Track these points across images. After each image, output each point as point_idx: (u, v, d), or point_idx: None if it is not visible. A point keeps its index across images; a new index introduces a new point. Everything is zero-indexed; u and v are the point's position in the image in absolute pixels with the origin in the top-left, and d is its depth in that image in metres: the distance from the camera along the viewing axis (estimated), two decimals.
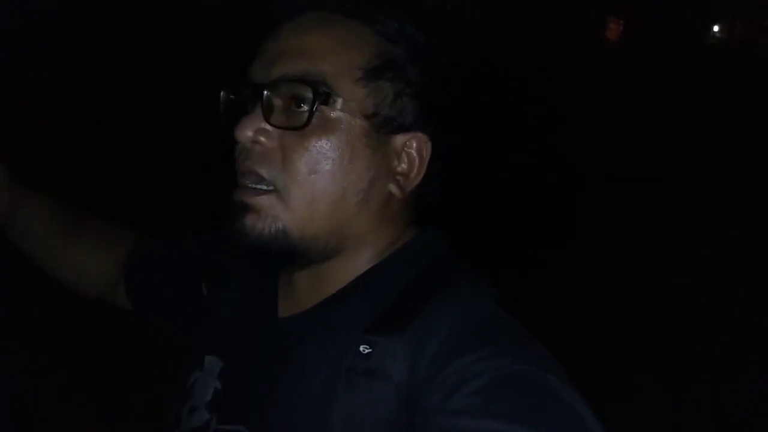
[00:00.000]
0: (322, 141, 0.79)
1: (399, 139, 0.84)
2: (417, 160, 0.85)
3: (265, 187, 0.80)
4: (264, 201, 0.80)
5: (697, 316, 4.49)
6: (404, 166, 0.85)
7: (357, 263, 0.85)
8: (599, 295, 4.76)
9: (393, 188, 0.85)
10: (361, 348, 0.76)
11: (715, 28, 28.15)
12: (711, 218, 6.54)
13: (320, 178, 0.79)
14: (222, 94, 0.86)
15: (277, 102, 0.80)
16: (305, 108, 0.78)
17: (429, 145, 0.85)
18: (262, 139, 0.80)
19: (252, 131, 0.80)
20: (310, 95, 0.77)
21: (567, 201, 7.06)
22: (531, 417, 0.63)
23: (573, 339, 3.42)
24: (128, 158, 6.14)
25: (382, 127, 0.82)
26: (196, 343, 0.96)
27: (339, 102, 0.79)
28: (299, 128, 0.77)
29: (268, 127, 0.80)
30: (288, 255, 0.82)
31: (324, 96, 0.78)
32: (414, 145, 0.85)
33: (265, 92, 0.79)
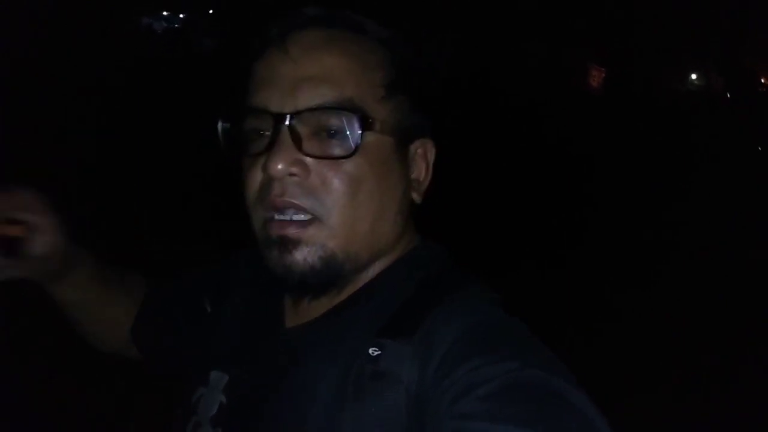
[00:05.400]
0: (360, 164, 0.77)
1: (413, 147, 0.84)
2: (425, 165, 0.85)
3: (304, 217, 0.77)
4: (309, 232, 0.77)
5: (701, 317, 4.53)
6: (416, 172, 0.85)
7: (370, 272, 0.84)
8: (600, 299, 4.79)
9: (414, 195, 0.85)
10: (371, 351, 0.74)
11: (693, 76, 29.42)
12: (713, 219, 6.67)
13: (362, 200, 0.78)
14: (221, 122, 0.82)
15: (304, 130, 0.76)
16: (344, 135, 0.75)
17: (434, 149, 0.86)
18: (296, 170, 0.76)
19: (284, 164, 0.75)
20: (345, 123, 0.75)
21: (568, 208, 7.15)
22: (540, 421, 0.62)
23: (576, 342, 3.44)
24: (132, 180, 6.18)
25: (404, 138, 0.82)
26: (200, 360, 0.93)
27: (377, 124, 0.78)
28: (347, 156, 0.75)
29: (302, 157, 0.76)
30: (332, 280, 0.80)
31: (367, 121, 0.76)
32: (421, 150, 0.85)
33: (293, 122, 0.75)
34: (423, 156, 0.84)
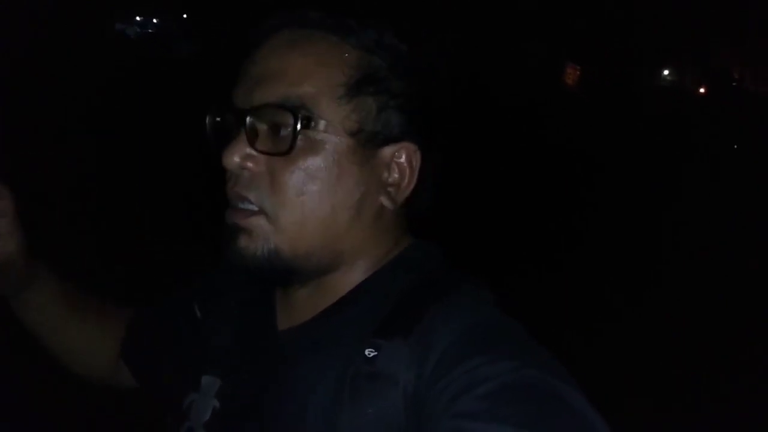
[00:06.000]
0: (308, 163, 0.78)
1: (387, 151, 0.81)
2: (407, 170, 0.82)
3: (252, 208, 0.79)
4: (254, 222, 0.79)
5: (700, 318, 4.58)
6: (395, 176, 0.82)
7: (354, 275, 0.84)
8: (600, 300, 4.82)
9: (384, 200, 0.82)
10: (367, 352, 0.74)
11: (665, 72, 30.05)
12: (711, 220, 6.79)
13: (308, 199, 0.79)
14: (208, 117, 0.85)
15: (261, 127, 0.79)
16: (288, 133, 0.77)
17: (418, 154, 0.82)
18: (249, 164, 0.79)
19: (238, 157, 0.78)
20: (291, 121, 0.76)
21: (567, 209, 7.20)
22: (539, 422, 0.62)
23: (575, 343, 3.44)
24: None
25: (368, 142, 0.80)
26: (191, 366, 0.92)
27: (321, 124, 0.77)
28: (284, 154, 0.77)
29: (254, 152, 0.78)
30: (283, 274, 0.81)
31: (305, 120, 0.76)
32: (403, 155, 0.82)
33: (248, 118, 0.78)
34: (407, 161, 0.82)
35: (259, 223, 0.79)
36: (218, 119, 0.84)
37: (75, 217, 4.49)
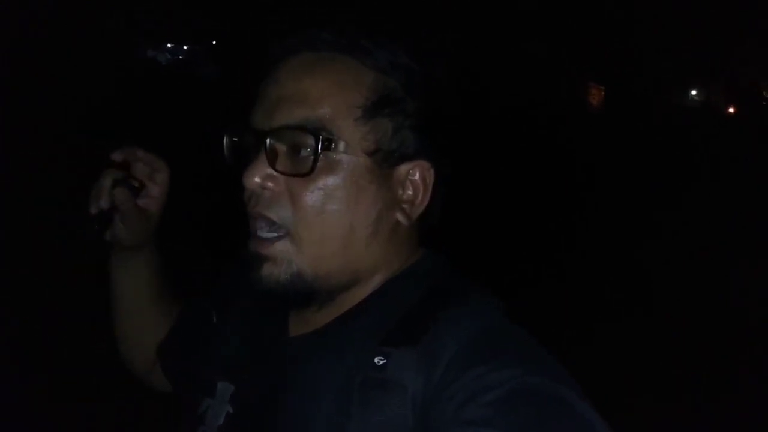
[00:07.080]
0: (328, 183, 0.80)
1: (402, 169, 0.83)
2: (421, 187, 0.84)
3: (276, 234, 0.81)
4: (277, 248, 0.81)
5: (700, 319, 4.54)
6: (409, 193, 0.84)
7: (367, 288, 0.86)
8: (594, 311, 4.80)
9: (400, 217, 0.84)
10: (376, 360, 0.75)
11: (693, 92, 29.69)
12: (712, 224, 6.80)
13: (328, 217, 0.80)
14: (225, 138, 0.87)
15: (281, 147, 0.81)
16: (308, 154, 0.79)
17: (432, 171, 0.84)
18: (270, 184, 0.81)
19: (259, 178, 0.80)
20: (312, 142, 0.78)
21: (568, 213, 7.22)
22: (542, 427, 0.63)
23: (575, 344, 3.44)
24: None
25: (384, 161, 0.82)
26: (207, 371, 0.94)
27: (341, 145, 0.79)
28: (305, 175, 0.79)
29: (275, 172, 0.80)
30: (304, 295, 0.83)
31: (326, 142, 0.78)
32: (417, 173, 0.84)
33: (268, 140, 0.80)
34: (421, 178, 0.84)
35: (282, 248, 0.81)
36: (235, 139, 0.86)
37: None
